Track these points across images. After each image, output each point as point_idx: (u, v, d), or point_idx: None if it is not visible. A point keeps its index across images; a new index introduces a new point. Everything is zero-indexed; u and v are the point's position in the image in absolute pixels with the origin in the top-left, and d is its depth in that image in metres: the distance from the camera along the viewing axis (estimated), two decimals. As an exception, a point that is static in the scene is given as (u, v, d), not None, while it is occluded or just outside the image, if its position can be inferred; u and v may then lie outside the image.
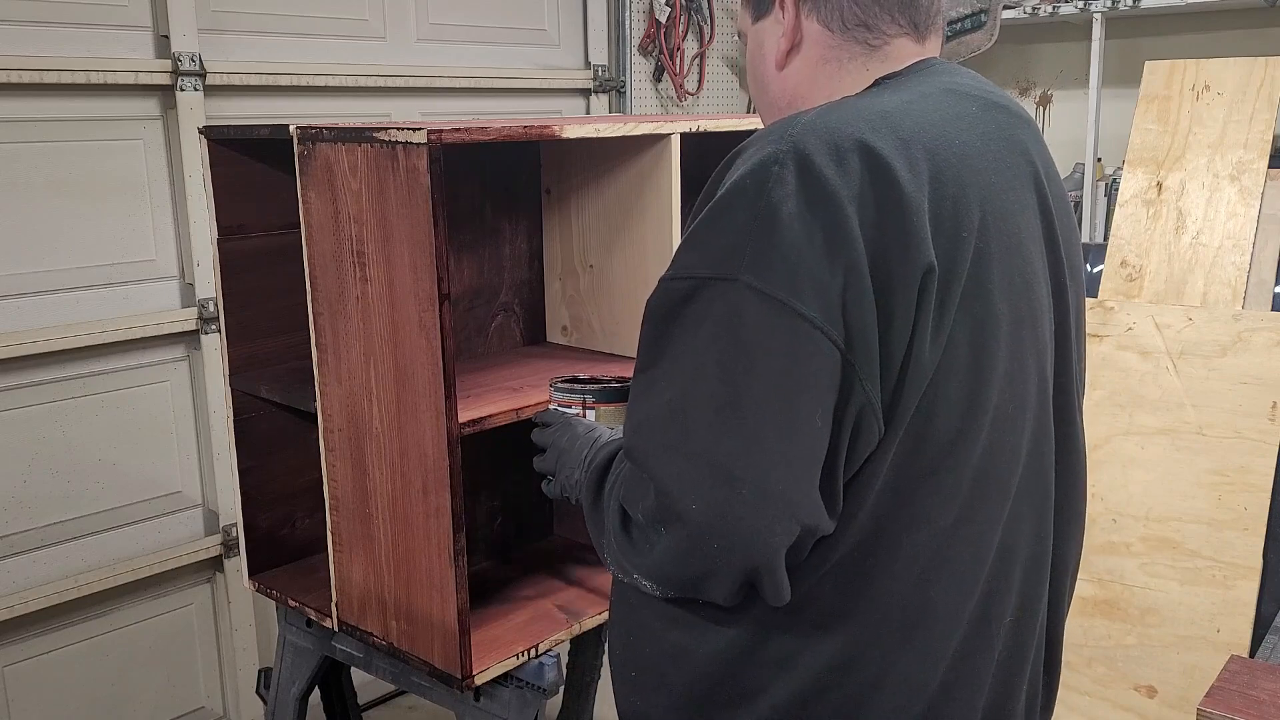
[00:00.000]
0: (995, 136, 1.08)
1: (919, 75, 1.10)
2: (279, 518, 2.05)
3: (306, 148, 1.65)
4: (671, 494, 0.97)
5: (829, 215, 0.94)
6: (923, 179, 0.98)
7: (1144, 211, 2.71)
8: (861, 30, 1.10)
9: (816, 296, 0.93)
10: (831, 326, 0.93)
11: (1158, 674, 2.39)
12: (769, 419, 0.93)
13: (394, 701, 3.11)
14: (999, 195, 1.05)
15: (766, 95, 1.19)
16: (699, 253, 0.98)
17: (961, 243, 0.99)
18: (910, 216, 0.96)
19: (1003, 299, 1.03)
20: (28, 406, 2.42)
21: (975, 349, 1.01)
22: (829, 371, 0.94)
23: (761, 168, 0.96)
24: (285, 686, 2.04)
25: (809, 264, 0.93)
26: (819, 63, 1.13)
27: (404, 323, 1.56)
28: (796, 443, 0.94)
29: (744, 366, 0.94)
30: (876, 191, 0.95)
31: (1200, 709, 1.40)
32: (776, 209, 0.94)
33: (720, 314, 0.95)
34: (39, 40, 2.36)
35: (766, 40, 1.16)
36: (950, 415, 1.01)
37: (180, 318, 2.60)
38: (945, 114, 1.05)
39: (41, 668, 2.52)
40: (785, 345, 0.93)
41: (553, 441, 1.31)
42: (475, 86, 3.16)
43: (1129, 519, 2.48)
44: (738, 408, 0.94)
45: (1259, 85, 2.66)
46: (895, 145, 0.98)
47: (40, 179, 2.39)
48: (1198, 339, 2.50)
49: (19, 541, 2.44)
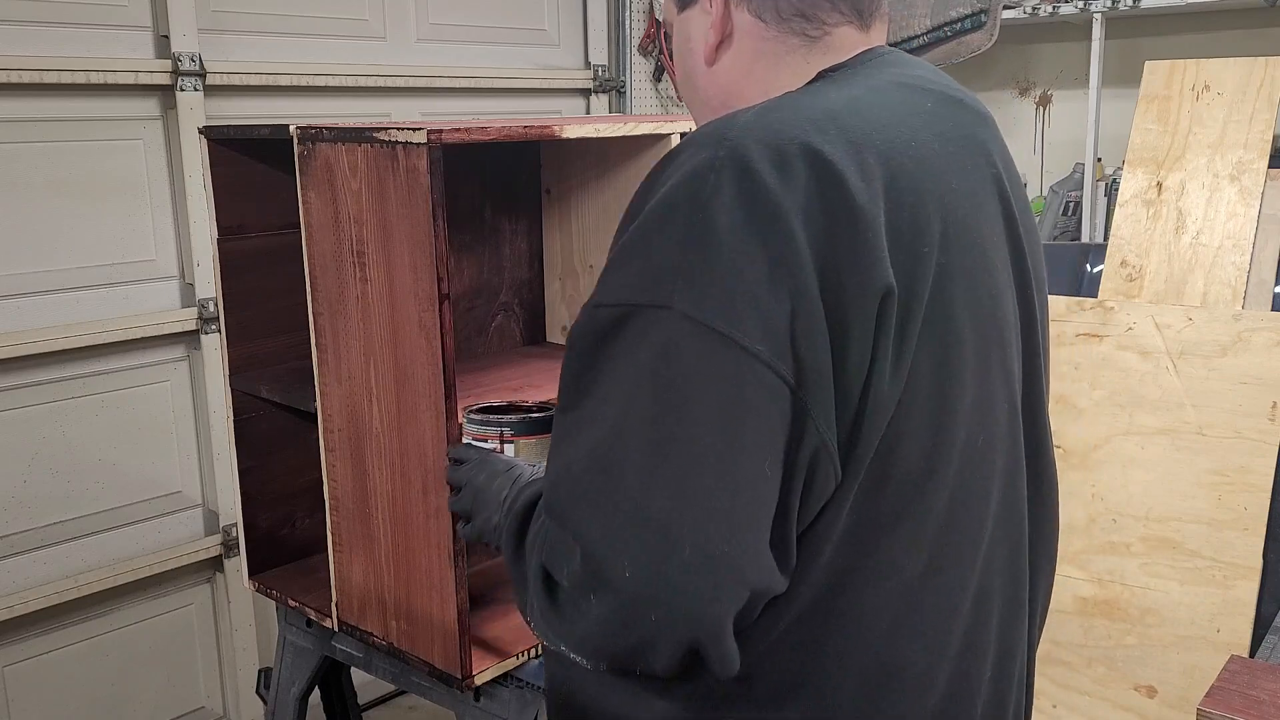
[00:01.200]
0: (954, 135, 0.98)
1: (867, 67, 0.99)
2: (279, 518, 2.05)
3: (306, 148, 1.65)
4: (599, 557, 0.83)
5: (773, 231, 0.82)
6: (877, 187, 0.86)
7: (1144, 211, 2.71)
8: (799, 20, 0.99)
9: (760, 326, 0.81)
10: (779, 360, 0.81)
11: (1158, 674, 2.39)
12: (710, 468, 0.81)
13: (394, 701, 3.11)
14: (960, 202, 0.94)
15: (697, 93, 1.08)
16: (627, 275, 0.86)
17: (922, 259, 0.88)
18: (864, 231, 0.84)
19: (967, 320, 0.92)
20: (28, 406, 2.42)
21: (940, 378, 0.90)
22: (778, 411, 0.82)
23: (695, 177, 0.84)
24: (285, 686, 2.04)
25: (751, 288, 0.81)
26: (753, 57, 1.01)
27: (404, 323, 1.56)
28: (742, 494, 0.81)
29: (680, 407, 0.81)
30: (825, 202, 0.84)
31: (1200, 709, 1.40)
32: (713, 224, 0.82)
33: (652, 346, 0.82)
34: (39, 40, 2.36)
35: (694, 32, 1.05)
36: (914, 453, 0.90)
37: (180, 318, 2.60)
38: (898, 111, 0.94)
39: (41, 668, 2.52)
40: (726, 383, 0.81)
41: (468, 480, 1.19)
42: (475, 86, 3.16)
43: (1129, 519, 2.48)
44: (673, 455, 0.81)
45: (1259, 85, 2.66)
46: (845, 149, 0.86)
47: (40, 179, 2.39)
48: (1198, 339, 2.50)
49: (19, 541, 2.44)
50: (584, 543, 0.84)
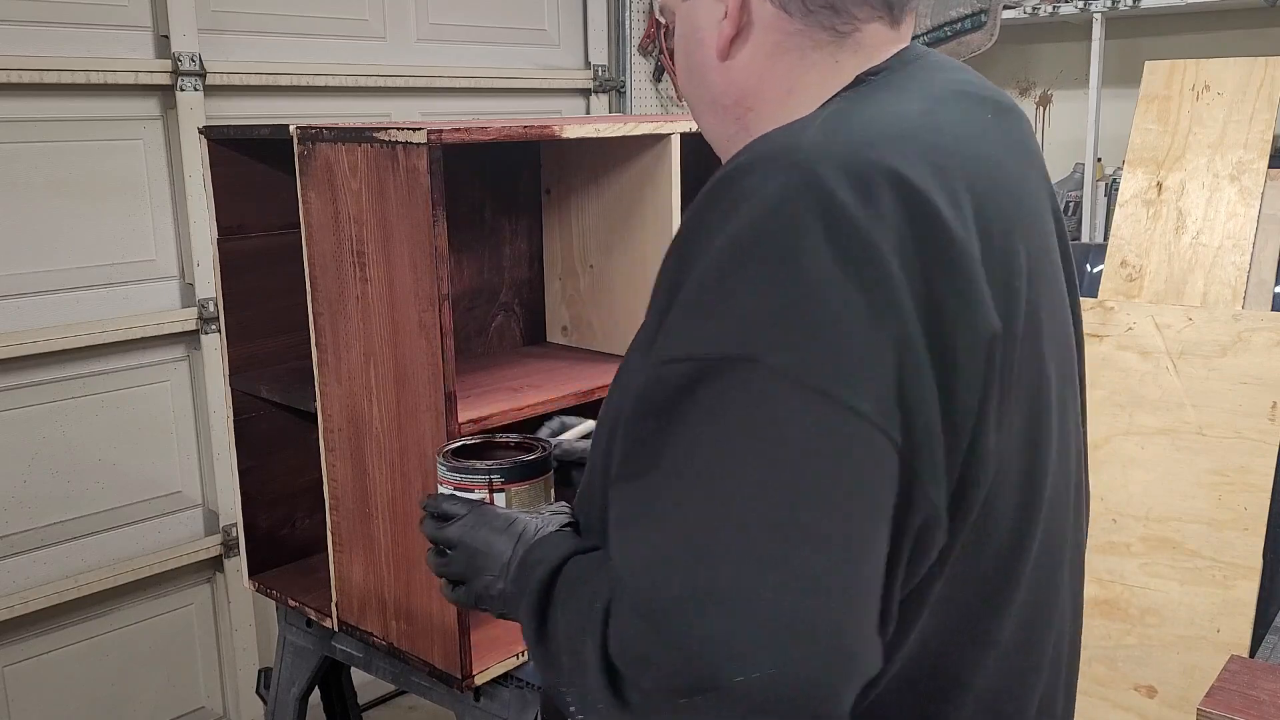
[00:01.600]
0: (1016, 149, 0.91)
1: (913, 71, 0.90)
2: (279, 518, 2.04)
3: (306, 148, 1.65)
4: (710, 661, 0.70)
5: (870, 273, 0.72)
6: (968, 217, 0.78)
7: (1144, 211, 2.71)
8: (827, 13, 0.89)
9: (866, 382, 0.71)
10: (887, 420, 0.72)
11: (1158, 674, 2.39)
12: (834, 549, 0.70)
13: (394, 701, 3.11)
14: (1035, 225, 0.87)
15: (706, 90, 0.96)
16: (700, 325, 0.75)
17: (1015, 295, 0.80)
18: (965, 268, 0.76)
19: (1052, 358, 0.85)
20: (28, 406, 2.42)
21: (1031, 427, 0.83)
22: (887, 476, 0.73)
23: (772, 210, 0.74)
24: (285, 686, 2.04)
25: (853, 339, 0.72)
26: (774, 52, 0.91)
27: (404, 323, 1.56)
28: (867, 574, 0.72)
29: (786, 482, 0.71)
30: (920, 238, 0.75)
31: (1200, 709, 1.40)
32: (801, 267, 0.72)
33: (742, 408, 0.72)
34: (39, 40, 2.36)
35: (703, 22, 0.93)
36: (1009, 510, 0.82)
37: (180, 318, 2.60)
38: (970, 127, 0.86)
39: (41, 668, 2.52)
40: (834, 447, 0.71)
41: (460, 539, 1.03)
42: (475, 86, 3.16)
43: (1129, 519, 2.48)
44: (789, 537, 0.70)
45: (1259, 85, 2.66)
46: (931, 174, 0.77)
47: (40, 179, 2.39)
48: (1198, 339, 2.50)
49: (19, 541, 2.44)
50: (688, 646, 0.70)
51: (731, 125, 0.96)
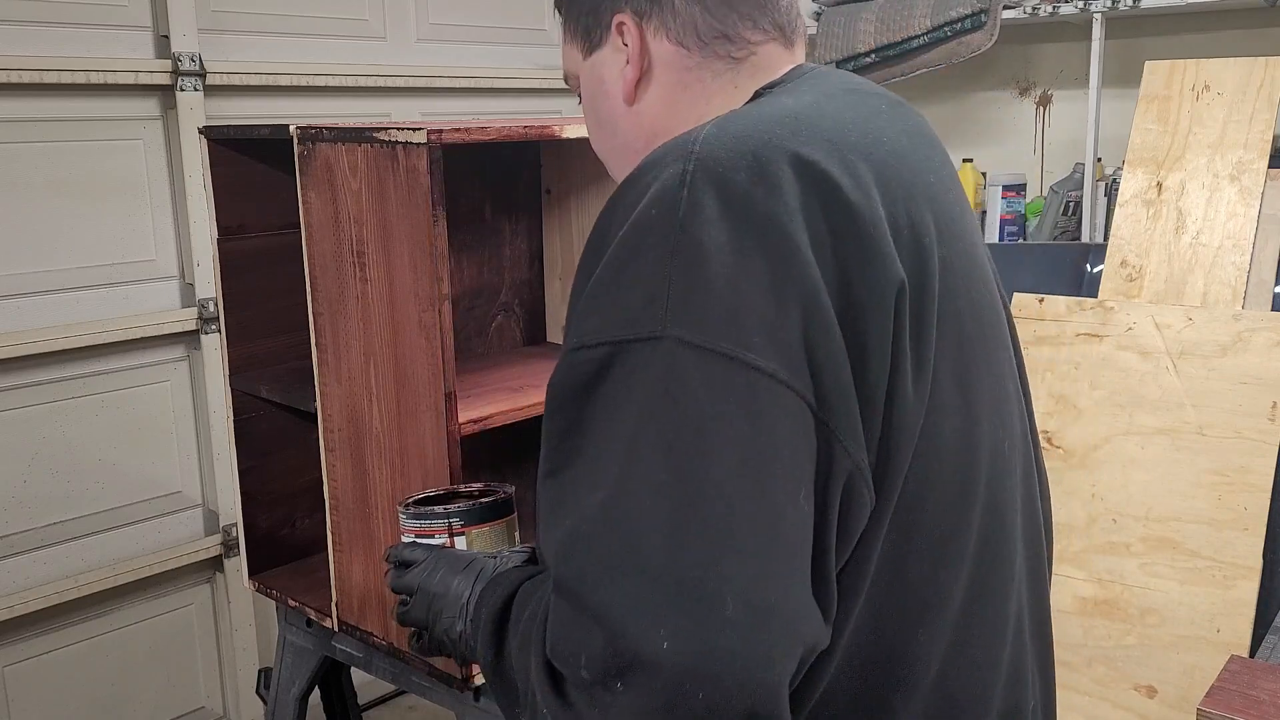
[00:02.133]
0: (915, 133, 0.92)
1: (807, 80, 0.92)
2: (279, 518, 2.05)
3: (306, 148, 1.65)
4: (629, 633, 0.68)
5: (768, 239, 0.74)
6: (869, 185, 0.79)
7: (1144, 211, 2.71)
8: (722, 42, 0.93)
9: (770, 341, 0.71)
10: (795, 377, 0.72)
11: (1158, 674, 2.39)
12: (742, 509, 0.69)
13: (394, 701, 3.11)
14: (941, 197, 0.88)
15: (616, 138, 0.98)
16: (606, 311, 0.75)
17: (927, 253, 0.81)
18: (867, 229, 0.77)
19: (973, 317, 0.86)
20: (28, 406, 2.42)
21: (961, 382, 0.83)
22: (803, 435, 0.72)
23: (667, 194, 0.75)
24: (285, 686, 2.04)
25: (753, 302, 0.72)
26: (677, 87, 0.94)
27: (404, 323, 1.56)
28: (782, 536, 0.70)
29: (695, 445, 0.70)
30: (822, 207, 0.76)
31: (1200, 709, 1.40)
32: (698, 241, 0.73)
33: (650, 383, 0.71)
34: (39, 40, 2.36)
35: (607, 75, 0.97)
36: (948, 467, 0.82)
37: (180, 318, 2.60)
38: (860, 111, 0.87)
39: (41, 668, 2.52)
40: (742, 409, 0.70)
41: (421, 585, 1.01)
42: (475, 86, 3.16)
43: (1129, 519, 2.48)
44: (698, 501, 0.69)
45: (1259, 85, 2.66)
46: (825, 150, 0.79)
47: (40, 179, 2.39)
48: (1198, 339, 2.50)
49: (19, 541, 2.44)
50: (607, 620, 0.69)
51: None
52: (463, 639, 0.96)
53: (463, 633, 0.96)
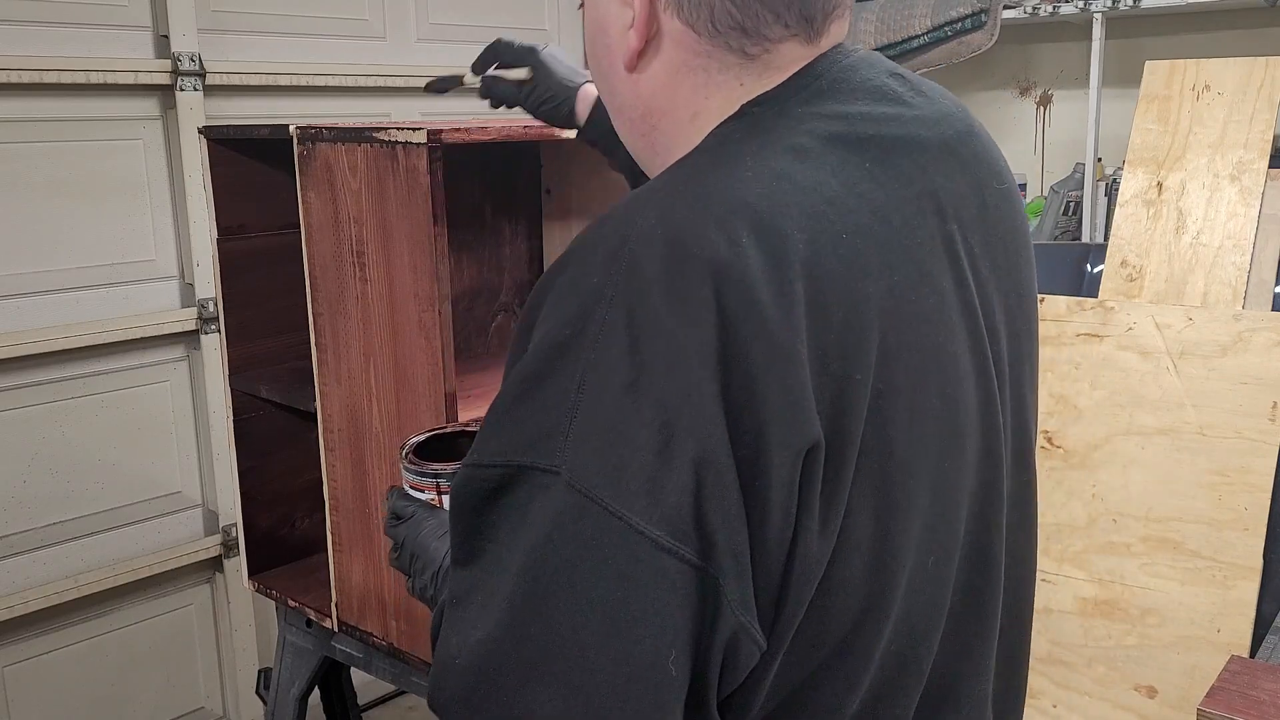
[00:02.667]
0: (895, 203, 0.81)
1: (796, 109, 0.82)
2: (279, 518, 2.05)
3: (306, 148, 1.65)
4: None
5: (670, 387, 0.69)
6: (798, 311, 0.72)
7: (1144, 211, 2.71)
8: (737, 35, 0.82)
9: (655, 503, 0.68)
10: (679, 542, 0.69)
11: (1158, 674, 2.39)
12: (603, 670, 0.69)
13: (394, 701, 3.11)
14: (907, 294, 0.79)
15: (614, 98, 0.91)
16: (510, 432, 0.74)
17: (853, 392, 0.74)
18: (782, 374, 0.70)
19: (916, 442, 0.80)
20: (28, 406, 2.42)
21: (881, 515, 0.78)
22: (680, 598, 0.70)
23: (582, 313, 0.72)
24: (285, 687, 2.04)
25: (644, 457, 0.68)
26: (680, 70, 0.85)
27: (404, 323, 1.56)
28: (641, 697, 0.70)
29: (566, 599, 0.70)
30: (738, 343, 0.70)
31: (1201, 709, 1.40)
32: (603, 379, 0.70)
33: (537, 523, 0.71)
34: (39, 40, 2.36)
35: (610, 24, 0.87)
36: (849, 601, 0.78)
37: (180, 318, 2.60)
38: (828, 191, 0.77)
39: (41, 668, 2.52)
40: (615, 572, 0.69)
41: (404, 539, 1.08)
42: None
43: (1129, 519, 2.48)
44: (559, 658, 0.70)
45: (1259, 85, 2.66)
46: (762, 264, 0.71)
47: (40, 179, 2.39)
48: (1198, 339, 2.50)
49: (19, 541, 2.44)
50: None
51: (639, 139, 0.91)
52: (432, 601, 1.02)
53: (433, 596, 1.03)
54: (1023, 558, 0.97)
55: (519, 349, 0.77)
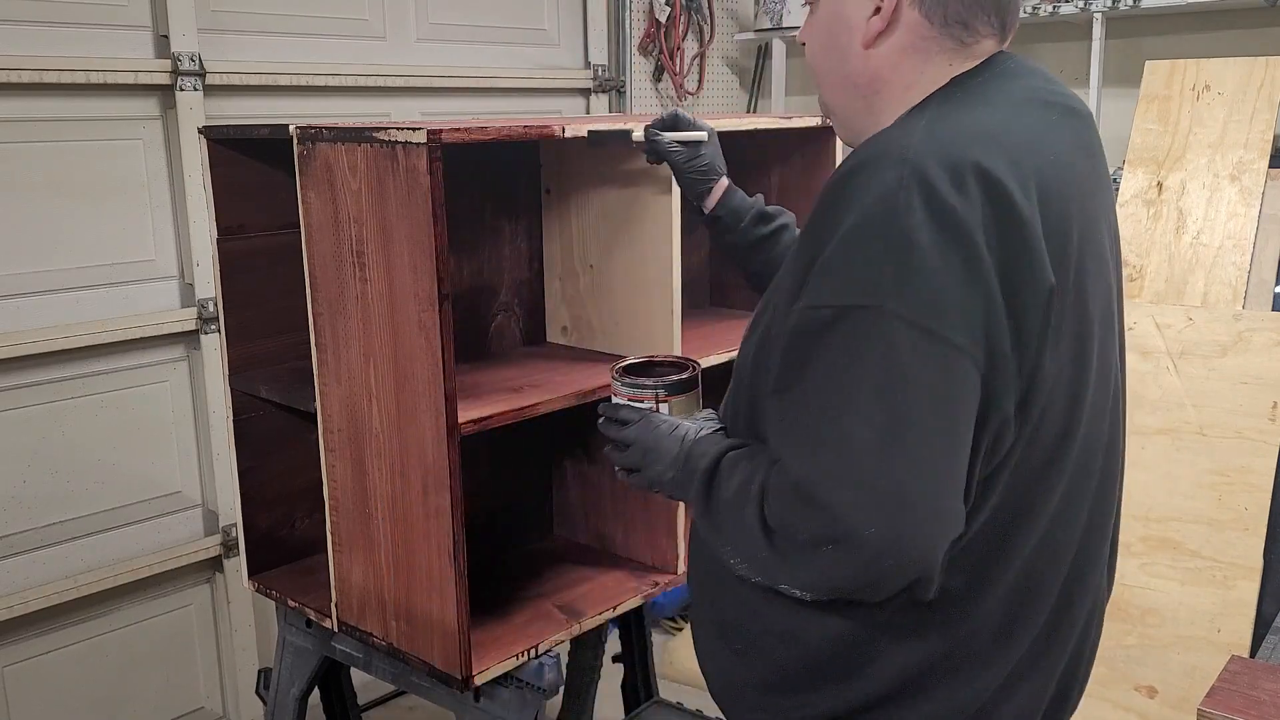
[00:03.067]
0: (1077, 145, 1.13)
1: (997, 79, 1.12)
2: (279, 518, 2.04)
3: (306, 148, 1.65)
4: (846, 520, 0.99)
5: (962, 243, 0.97)
6: (1034, 199, 1.01)
7: (1144, 211, 2.71)
8: (959, 28, 1.11)
9: (961, 322, 0.97)
10: (976, 350, 0.98)
11: (1158, 674, 2.39)
12: (934, 441, 0.98)
13: (394, 702, 3.11)
14: (1087, 204, 1.10)
15: (844, 68, 1.17)
16: (837, 281, 1.00)
17: (1067, 258, 1.05)
18: (1030, 238, 1.00)
19: (1095, 305, 1.10)
20: (28, 406, 2.42)
21: (1076, 354, 1.08)
22: (974, 391, 0.99)
23: (886, 196, 0.98)
24: (285, 687, 2.04)
25: (950, 292, 0.97)
26: (907, 51, 1.12)
27: (404, 323, 1.56)
28: (957, 459, 1.00)
29: (903, 393, 0.97)
30: (998, 216, 0.99)
31: (1201, 709, 1.40)
32: (911, 237, 0.97)
33: (871, 342, 0.98)
34: (39, 40, 2.36)
35: (853, 13, 1.14)
36: (1058, 415, 1.08)
37: (180, 318, 2.60)
38: (1039, 128, 1.09)
39: (41, 668, 2.52)
40: (938, 370, 0.97)
41: (637, 439, 1.32)
42: (475, 86, 3.16)
43: (1129, 519, 2.48)
44: (902, 434, 0.97)
45: (1259, 85, 2.66)
46: (1008, 167, 1.01)
47: (40, 179, 2.39)
48: (1198, 339, 2.50)
49: (19, 541, 2.44)
50: (831, 508, 0.99)
51: (858, 103, 1.17)
52: (673, 482, 1.24)
53: (673, 478, 1.24)
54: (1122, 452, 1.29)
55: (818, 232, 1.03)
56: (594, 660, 2.43)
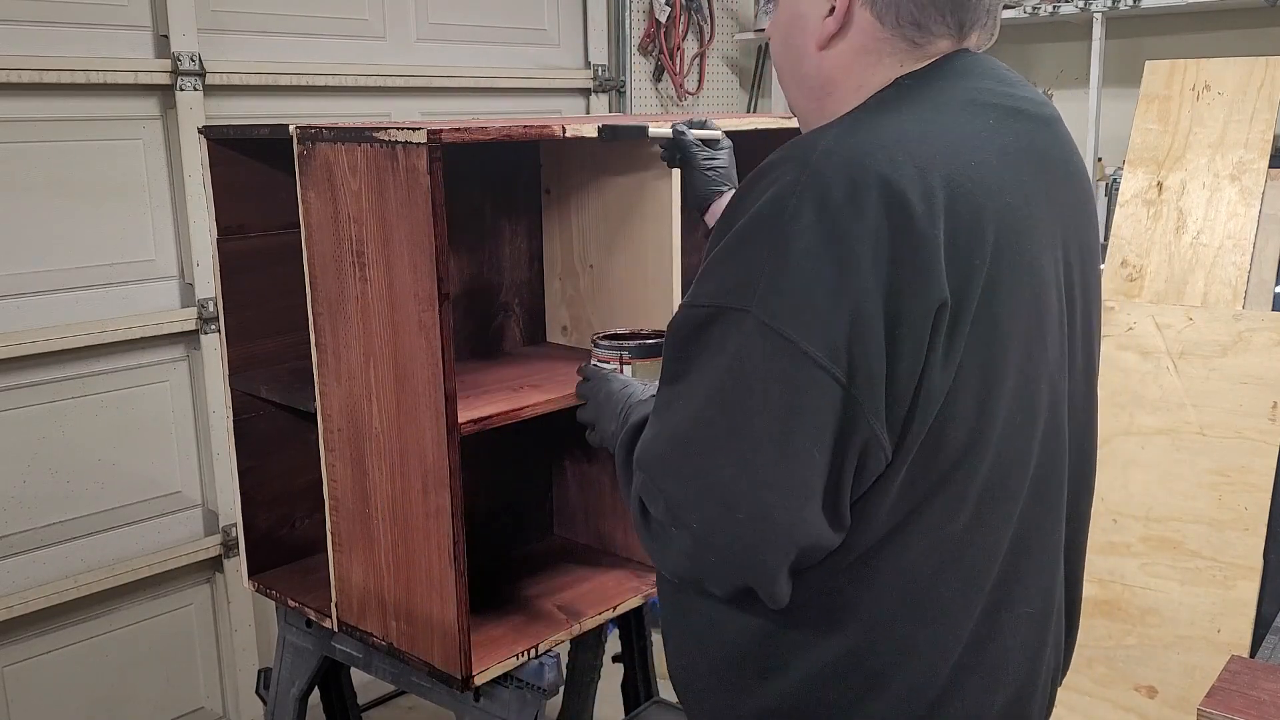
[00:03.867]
0: (1013, 149, 1.08)
1: (939, 80, 1.09)
2: (279, 518, 2.04)
3: (306, 148, 1.65)
4: (677, 510, 1.04)
5: (840, 253, 0.96)
6: (938, 210, 0.99)
7: (1144, 211, 2.71)
8: (912, 28, 1.09)
9: (821, 334, 0.95)
10: (834, 364, 0.96)
11: (1158, 674, 2.39)
12: (764, 448, 0.98)
13: (394, 702, 3.11)
14: (1013, 214, 1.05)
15: (799, 70, 1.17)
16: (717, 282, 1.02)
17: (974, 271, 1.01)
18: (924, 253, 0.97)
19: (1012, 319, 1.06)
20: (28, 406, 2.42)
21: (984, 370, 1.04)
22: (829, 406, 0.97)
23: (779, 199, 0.98)
24: (285, 687, 2.04)
25: (817, 302, 0.96)
26: (859, 52, 1.11)
27: (404, 323, 1.56)
28: (792, 472, 0.98)
29: (745, 398, 0.98)
30: (892, 228, 0.96)
31: (1201, 709, 1.40)
32: (790, 244, 0.96)
33: (731, 345, 0.99)
34: (39, 40, 2.36)
35: (809, 12, 1.13)
36: (959, 432, 1.04)
37: (180, 318, 2.60)
38: (962, 132, 1.05)
39: (41, 668, 2.52)
40: (786, 379, 0.97)
41: (591, 395, 1.39)
42: (475, 86, 3.16)
43: (1129, 519, 2.48)
44: (737, 436, 0.99)
45: (1259, 85, 2.66)
46: (913, 176, 0.98)
47: (40, 179, 2.39)
48: (1198, 339, 2.50)
49: (19, 541, 2.44)
50: (666, 496, 1.05)
51: (812, 103, 1.16)
52: (613, 438, 1.30)
53: (614, 433, 1.31)
54: (1087, 455, 1.24)
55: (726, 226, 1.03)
56: (594, 660, 2.43)
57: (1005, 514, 1.13)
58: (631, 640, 2.58)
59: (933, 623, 1.11)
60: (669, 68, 3.69)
